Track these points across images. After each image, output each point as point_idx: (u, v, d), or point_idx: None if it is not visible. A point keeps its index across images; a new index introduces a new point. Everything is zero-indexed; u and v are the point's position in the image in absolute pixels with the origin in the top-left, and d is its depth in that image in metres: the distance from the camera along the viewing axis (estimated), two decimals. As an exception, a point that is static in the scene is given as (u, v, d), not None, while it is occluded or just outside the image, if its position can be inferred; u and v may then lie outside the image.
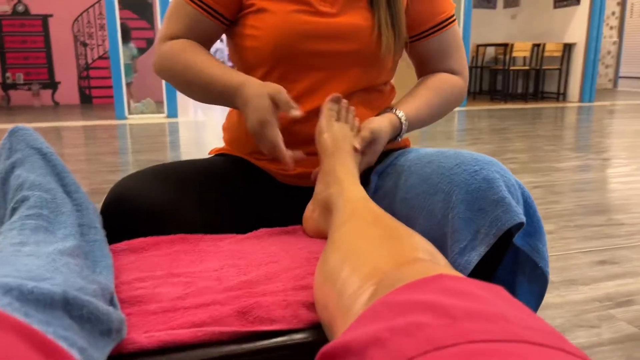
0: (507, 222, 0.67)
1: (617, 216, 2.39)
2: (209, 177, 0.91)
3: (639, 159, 3.68)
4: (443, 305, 0.34)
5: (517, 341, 0.30)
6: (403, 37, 0.92)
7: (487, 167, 0.71)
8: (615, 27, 10.42)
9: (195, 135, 5.02)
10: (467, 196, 0.69)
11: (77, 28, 7.65)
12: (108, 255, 0.64)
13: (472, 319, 0.32)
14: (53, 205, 0.63)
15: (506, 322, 0.32)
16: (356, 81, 0.91)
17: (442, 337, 0.31)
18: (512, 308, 0.34)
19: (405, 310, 0.36)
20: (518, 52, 7.76)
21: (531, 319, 0.33)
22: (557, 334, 0.32)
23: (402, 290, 0.40)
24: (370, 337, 0.34)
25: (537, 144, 4.31)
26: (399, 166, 0.86)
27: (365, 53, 0.89)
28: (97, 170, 3.32)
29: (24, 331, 0.31)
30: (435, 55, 0.99)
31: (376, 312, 0.38)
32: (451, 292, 0.36)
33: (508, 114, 6.54)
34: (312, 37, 0.86)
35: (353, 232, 0.62)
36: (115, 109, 6.00)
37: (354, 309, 0.46)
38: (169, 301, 0.60)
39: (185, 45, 0.89)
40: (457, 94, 1.00)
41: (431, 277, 0.40)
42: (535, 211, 0.74)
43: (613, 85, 10.67)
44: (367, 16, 0.89)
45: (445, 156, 0.77)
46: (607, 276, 1.73)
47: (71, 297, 0.43)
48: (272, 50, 0.87)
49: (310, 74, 0.89)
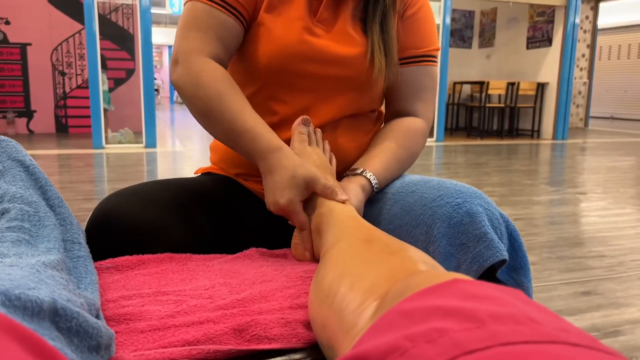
0: (489, 259, 0.65)
1: (598, 248, 2.41)
2: (195, 196, 0.88)
3: (613, 194, 3.75)
4: (464, 309, 0.32)
5: (552, 342, 0.28)
6: (395, 63, 0.90)
7: (470, 200, 0.69)
8: (585, 69, 10.80)
9: (172, 166, 4.96)
10: (449, 230, 0.68)
11: (56, 57, 7.60)
12: (93, 272, 0.61)
13: (500, 321, 0.30)
14: (35, 219, 0.59)
15: (535, 323, 0.30)
16: (346, 107, 0.90)
17: (471, 341, 0.28)
18: (537, 310, 0.32)
19: (423, 317, 0.33)
20: (493, 90, 7.95)
21: (558, 320, 0.31)
22: (588, 334, 0.30)
23: (416, 297, 0.37)
24: (388, 346, 0.31)
25: (515, 178, 4.37)
26: (384, 194, 0.85)
27: (358, 79, 0.88)
28: (72, 199, 3.23)
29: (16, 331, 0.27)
30: (405, 88, 0.93)
31: (391, 321, 0.35)
32: (470, 296, 0.34)
33: (484, 149, 6.65)
34: (306, 58, 0.85)
35: (348, 249, 0.60)
36: (93, 137, 5.91)
37: (359, 325, 0.44)
38: (159, 319, 0.56)
39: (225, 76, 0.81)
40: (422, 142, 0.95)
41: (445, 282, 0.37)
42: (520, 245, 0.72)
43: (584, 125, 10.99)
44: (361, 42, 0.88)
45: (428, 187, 0.76)
46: (592, 307, 1.72)
47: (60, 307, 0.39)
48: (265, 66, 0.85)
49: (301, 96, 0.88)
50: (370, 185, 0.83)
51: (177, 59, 0.82)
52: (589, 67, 10.78)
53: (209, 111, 0.80)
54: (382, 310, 0.40)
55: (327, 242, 0.67)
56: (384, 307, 0.40)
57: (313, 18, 0.86)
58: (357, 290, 0.48)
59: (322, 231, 0.72)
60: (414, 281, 0.42)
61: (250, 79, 0.88)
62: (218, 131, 0.81)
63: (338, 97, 0.88)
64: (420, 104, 0.94)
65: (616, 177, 4.50)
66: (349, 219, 0.70)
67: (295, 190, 0.75)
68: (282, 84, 0.87)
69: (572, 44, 7.85)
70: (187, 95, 0.82)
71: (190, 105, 0.82)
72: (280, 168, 0.76)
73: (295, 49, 0.84)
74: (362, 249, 0.59)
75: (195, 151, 6.09)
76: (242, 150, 0.80)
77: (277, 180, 0.76)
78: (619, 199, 3.56)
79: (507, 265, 0.70)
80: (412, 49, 0.92)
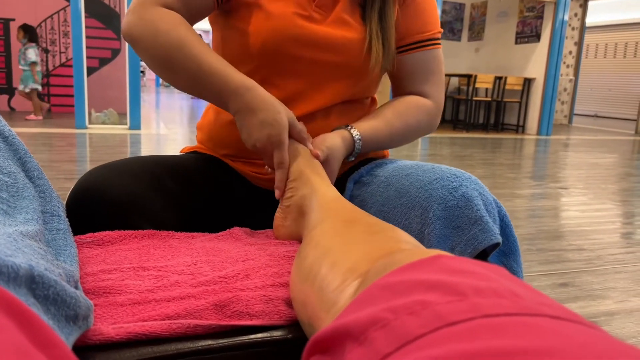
0: (483, 242, 0.66)
1: (577, 242, 2.44)
2: (179, 174, 0.86)
3: (594, 190, 3.80)
4: (447, 283, 0.32)
5: (533, 314, 0.28)
6: (392, 52, 0.88)
7: (465, 184, 0.69)
8: (572, 66, 10.90)
9: (156, 148, 4.91)
10: (445, 213, 0.68)
11: (40, 34, 7.44)
12: (72, 245, 0.60)
13: (482, 294, 0.30)
14: (14, 189, 0.58)
15: (517, 297, 0.30)
16: (340, 93, 0.88)
17: (453, 313, 0.28)
18: (518, 285, 0.33)
19: (406, 290, 0.33)
20: (481, 84, 7.99)
21: (539, 295, 0.31)
22: (569, 309, 0.30)
23: (398, 271, 0.37)
24: (370, 318, 0.31)
25: (498, 172, 4.40)
26: (376, 177, 0.84)
27: (353, 67, 0.87)
28: (53, 177, 3.19)
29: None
30: (412, 73, 0.93)
31: (373, 295, 0.35)
32: (453, 271, 0.34)
33: (470, 142, 6.69)
34: (302, 42, 0.83)
35: (330, 230, 0.60)
36: (76, 117, 5.82)
37: (339, 303, 0.43)
38: (139, 293, 0.55)
39: (183, 21, 0.78)
40: (426, 119, 0.93)
41: (428, 257, 0.37)
42: (511, 231, 0.73)
43: (568, 121, 11.11)
44: (359, 29, 0.86)
45: (423, 170, 0.76)
46: (570, 298, 1.75)
47: (37, 274, 0.38)
48: (259, 48, 0.83)
49: (294, 80, 0.86)
50: (352, 140, 0.83)
51: (131, 9, 0.79)
52: (575, 64, 10.87)
53: (170, 58, 0.76)
54: (364, 286, 0.40)
55: (310, 223, 0.67)
56: (366, 284, 0.40)
57: (312, 2, 0.85)
58: (338, 270, 0.48)
59: (305, 212, 0.72)
60: (396, 258, 0.41)
61: (244, 60, 0.86)
62: (182, 78, 0.78)
63: (332, 84, 0.87)
64: (429, 86, 0.94)
65: (598, 174, 4.56)
66: (332, 201, 0.69)
67: (278, 124, 0.74)
68: (275, 67, 0.85)
69: (559, 41, 7.90)
70: (144, 46, 0.78)
71: (148, 56, 0.79)
72: (263, 103, 0.75)
73: (291, 33, 0.83)
74: (344, 230, 0.58)
75: (179, 134, 6.04)
76: (211, 93, 0.77)
77: (262, 116, 0.74)
78: (599, 195, 3.61)
79: (498, 249, 0.71)
80: (416, 34, 0.91)
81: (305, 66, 0.85)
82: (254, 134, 0.75)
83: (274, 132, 0.74)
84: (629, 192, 3.83)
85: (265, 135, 0.74)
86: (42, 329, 0.28)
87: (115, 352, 0.46)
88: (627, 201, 3.51)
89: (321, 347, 0.34)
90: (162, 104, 10.99)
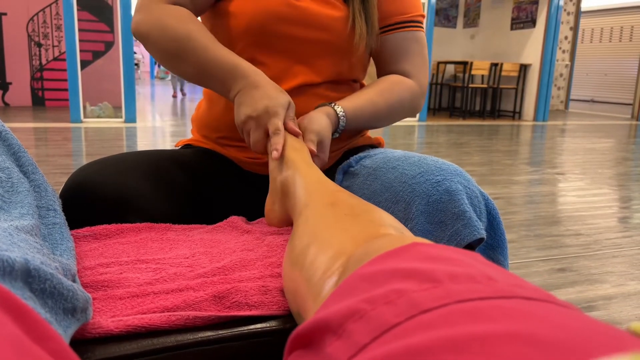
0: (466, 237, 0.66)
1: (574, 227, 2.45)
2: (173, 166, 0.86)
3: (591, 175, 3.81)
4: (423, 271, 0.32)
5: (506, 297, 0.28)
6: (375, 30, 0.90)
7: (450, 178, 0.69)
8: (568, 51, 10.87)
9: (152, 141, 4.90)
10: (428, 207, 0.67)
11: (32, 27, 7.38)
12: (69, 239, 0.59)
13: (457, 280, 0.30)
14: (8, 185, 0.57)
15: (492, 281, 0.30)
16: (325, 71, 0.89)
17: (428, 300, 0.28)
18: (494, 270, 0.33)
19: (382, 280, 0.33)
20: (477, 71, 7.97)
21: (515, 278, 0.32)
22: (543, 290, 0.31)
23: (375, 261, 0.37)
24: (348, 310, 0.31)
25: (495, 158, 4.41)
26: (364, 168, 0.84)
27: (338, 43, 0.88)
28: (49, 172, 3.17)
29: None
30: (394, 53, 0.93)
31: (350, 286, 0.35)
32: (429, 258, 0.34)
33: (466, 129, 6.69)
34: (286, 20, 0.84)
35: (314, 215, 0.60)
36: (70, 111, 5.79)
37: (324, 292, 0.43)
38: (137, 286, 0.55)
39: (190, 15, 0.82)
40: (408, 97, 0.93)
41: (405, 245, 0.38)
42: (499, 224, 0.73)
43: (564, 107, 11.10)
44: (341, 8, 0.88)
45: (409, 163, 0.76)
46: (568, 283, 1.76)
47: (33, 267, 0.38)
48: (245, 27, 0.85)
49: (280, 58, 0.87)
50: (336, 117, 0.84)
51: (138, 7, 0.83)
52: (571, 49, 10.85)
53: (179, 50, 0.80)
54: (345, 276, 0.40)
55: (295, 207, 0.66)
56: (346, 273, 0.41)
57: None
58: (322, 258, 0.48)
59: (288, 192, 0.71)
60: (375, 246, 0.42)
61: (231, 42, 0.87)
62: (190, 67, 0.81)
63: (317, 61, 0.88)
64: (411, 66, 0.94)
65: (594, 159, 4.57)
66: (313, 183, 0.68)
67: (283, 101, 0.76)
68: (261, 45, 0.86)
69: (555, 26, 7.88)
70: (153, 40, 0.81)
71: (157, 50, 0.82)
72: (269, 83, 0.77)
73: (276, 10, 0.84)
74: (327, 214, 0.58)
75: (175, 127, 6.02)
76: (218, 81, 0.79)
77: (265, 90, 0.76)
78: (596, 180, 3.62)
79: (484, 243, 0.71)
80: (396, 15, 0.92)
81: (290, 43, 0.86)
82: (252, 105, 0.76)
83: (272, 103, 0.75)
84: (625, 176, 3.84)
85: (264, 106, 0.75)
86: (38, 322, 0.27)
87: (115, 345, 0.46)
88: (624, 186, 3.52)
89: (302, 341, 0.34)
90: (157, 96, 10.95)
